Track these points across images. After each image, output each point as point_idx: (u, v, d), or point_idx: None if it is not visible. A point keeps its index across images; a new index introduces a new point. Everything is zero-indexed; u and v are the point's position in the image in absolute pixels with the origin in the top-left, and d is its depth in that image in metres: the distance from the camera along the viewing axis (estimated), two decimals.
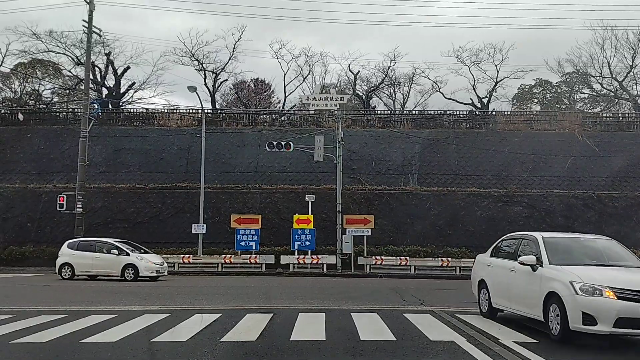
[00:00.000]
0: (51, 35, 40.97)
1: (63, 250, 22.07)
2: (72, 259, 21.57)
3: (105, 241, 22.15)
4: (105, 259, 21.14)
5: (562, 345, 7.84)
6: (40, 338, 7.94)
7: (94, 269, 21.30)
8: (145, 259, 21.13)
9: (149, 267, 20.91)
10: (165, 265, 22.14)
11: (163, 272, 21.71)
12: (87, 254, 21.46)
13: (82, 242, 22.51)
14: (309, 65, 45.44)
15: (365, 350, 7.35)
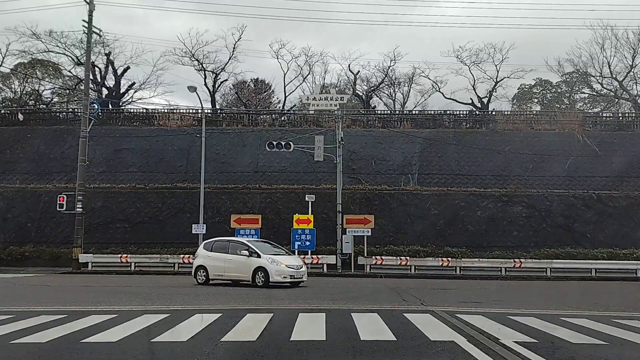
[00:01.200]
0: (51, 36, 41.03)
1: (199, 251, 20.05)
2: (206, 262, 19.22)
3: (238, 240, 19.81)
4: (236, 261, 18.56)
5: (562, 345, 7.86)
6: (41, 338, 7.93)
7: (226, 272, 18.82)
8: (277, 262, 18.09)
9: (281, 272, 17.87)
10: (304, 269, 18.78)
11: (300, 277, 18.54)
12: (220, 256, 18.99)
13: (218, 243, 19.84)
14: (309, 65, 45.51)
15: (365, 350, 7.35)
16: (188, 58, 42.97)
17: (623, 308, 13.11)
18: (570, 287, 21.78)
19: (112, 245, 29.79)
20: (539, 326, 9.46)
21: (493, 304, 13.65)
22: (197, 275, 19.29)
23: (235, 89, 47.27)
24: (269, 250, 18.87)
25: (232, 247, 18.98)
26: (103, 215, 31.71)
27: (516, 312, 11.52)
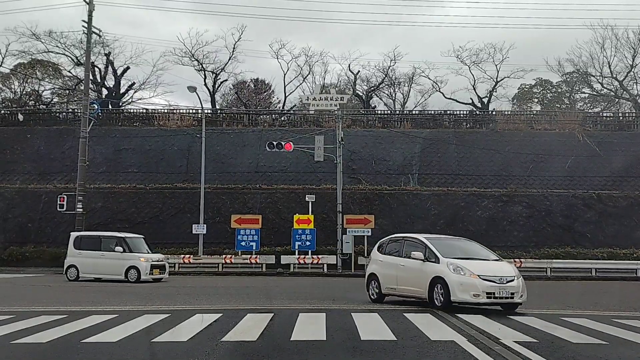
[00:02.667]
0: (51, 36, 41.03)
1: (372, 254, 14.54)
2: (378, 269, 13.55)
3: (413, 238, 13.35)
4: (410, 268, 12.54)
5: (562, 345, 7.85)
6: (41, 338, 7.93)
7: (399, 284, 12.90)
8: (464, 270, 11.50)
9: (469, 286, 11.13)
10: (516, 283, 11.61)
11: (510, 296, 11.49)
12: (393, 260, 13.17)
13: (392, 242, 13.89)
14: (309, 65, 45.51)
15: (365, 349, 7.35)
16: (188, 58, 43.03)
17: (623, 308, 13.10)
18: (570, 287, 21.78)
19: None
20: (539, 326, 9.45)
21: None
22: (370, 288, 13.74)
23: (235, 89, 47.28)
24: (458, 251, 12.49)
25: (407, 246, 13.07)
26: (103, 215, 31.71)
27: (516, 311, 11.52)
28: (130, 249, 20.56)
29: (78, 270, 20.68)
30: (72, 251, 21.24)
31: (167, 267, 21.61)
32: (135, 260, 20.13)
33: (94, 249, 20.84)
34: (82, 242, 21.23)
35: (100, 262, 20.48)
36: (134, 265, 20.03)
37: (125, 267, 20.12)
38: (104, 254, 20.50)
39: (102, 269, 20.36)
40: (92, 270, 20.59)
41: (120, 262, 20.18)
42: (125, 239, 21.00)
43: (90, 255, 20.68)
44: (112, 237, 21.34)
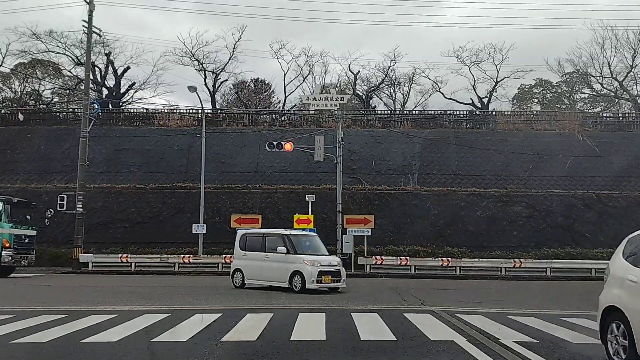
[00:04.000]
0: (51, 36, 41.02)
1: None
2: None
3: None
4: None
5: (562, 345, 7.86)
6: (41, 338, 7.94)
7: None
8: None
9: None
10: None
11: None
12: None
13: None
14: (309, 65, 45.48)
15: (365, 349, 7.36)
16: (188, 58, 43.01)
17: None
18: (570, 287, 21.78)
19: (113, 245, 29.77)
20: (539, 326, 9.46)
21: (493, 304, 13.66)
22: None
23: (235, 89, 47.27)
24: None
25: None
26: (103, 215, 31.71)
27: (516, 312, 11.53)
28: (295, 248, 16.88)
29: (243, 276, 17.75)
30: (237, 252, 18.39)
31: (344, 274, 17.22)
32: (299, 264, 16.42)
33: (258, 249, 17.68)
34: (248, 242, 18.16)
35: (264, 265, 17.21)
36: (298, 270, 16.33)
37: (289, 272, 16.50)
38: (268, 255, 17.21)
39: (267, 274, 17.11)
40: (256, 275, 17.45)
41: (283, 265, 16.68)
42: (290, 236, 17.38)
43: (254, 257, 17.54)
44: (275, 234, 17.84)
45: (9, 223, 22.61)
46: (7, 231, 22.43)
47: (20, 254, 23.18)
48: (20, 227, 23.37)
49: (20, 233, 23.27)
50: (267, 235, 17.83)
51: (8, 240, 22.35)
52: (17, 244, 22.94)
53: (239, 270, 17.84)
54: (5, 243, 22.20)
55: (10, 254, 22.39)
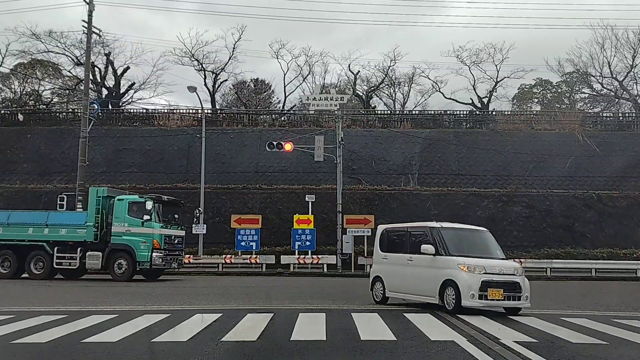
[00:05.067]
0: (51, 36, 41.02)
1: None
2: None
3: None
4: None
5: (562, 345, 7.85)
6: (41, 338, 7.93)
7: None
8: None
9: None
10: None
11: None
12: None
13: None
14: (309, 66, 45.50)
15: (365, 350, 7.35)
16: (188, 58, 43.01)
17: (623, 308, 13.11)
18: (570, 287, 21.77)
19: None
20: (539, 326, 9.46)
21: None
22: None
23: (235, 89, 47.27)
24: None
25: None
26: None
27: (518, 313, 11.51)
28: (447, 248, 11.71)
29: (384, 286, 13.08)
30: (377, 254, 13.87)
31: (527, 287, 11.76)
32: (452, 270, 11.28)
33: (401, 249, 13.04)
34: (389, 240, 13.64)
35: (407, 272, 12.44)
36: (450, 279, 11.22)
37: (438, 283, 11.47)
38: (412, 258, 12.36)
39: (410, 284, 12.32)
40: (398, 286, 12.74)
41: (431, 272, 11.69)
42: (440, 230, 12.14)
43: (396, 260, 12.95)
44: (421, 229, 12.84)
45: (159, 223, 20.91)
46: (158, 231, 20.73)
47: (170, 256, 21.37)
48: (169, 227, 21.56)
49: (170, 233, 21.43)
50: (411, 231, 13.13)
51: (158, 241, 20.64)
52: (167, 245, 21.13)
53: (378, 279, 13.37)
54: (155, 244, 20.54)
55: (160, 256, 20.65)
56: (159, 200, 21.45)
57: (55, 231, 21.16)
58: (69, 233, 21.04)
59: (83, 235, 20.87)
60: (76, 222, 21.23)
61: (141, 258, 20.30)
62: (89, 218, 21.02)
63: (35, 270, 21.24)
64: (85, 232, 20.86)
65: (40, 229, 21.30)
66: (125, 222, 20.59)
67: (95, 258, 20.61)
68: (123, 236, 20.54)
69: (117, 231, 20.65)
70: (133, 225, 20.49)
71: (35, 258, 21.24)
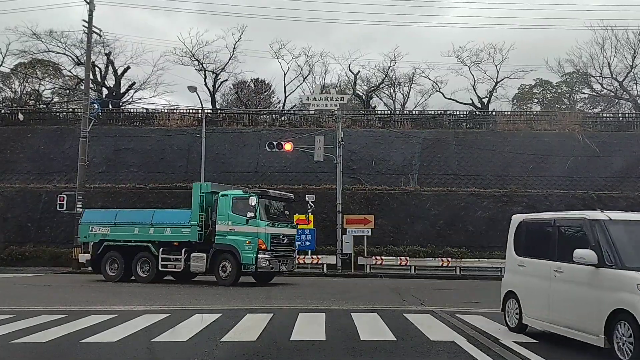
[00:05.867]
0: (51, 35, 41.00)
1: None
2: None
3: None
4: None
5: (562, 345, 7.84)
6: (41, 338, 7.94)
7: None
8: None
9: None
10: None
11: None
12: None
13: None
14: (309, 65, 45.45)
15: (365, 350, 7.36)
16: (188, 58, 42.96)
17: None
18: None
19: None
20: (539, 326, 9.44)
21: (493, 304, 13.62)
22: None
23: (235, 89, 47.25)
24: None
25: None
26: None
27: None
28: (619, 255, 7.20)
29: (520, 308, 9.09)
30: (511, 260, 10.06)
31: None
32: (629, 294, 6.78)
33: (545, 254, 8.64)
34: (528, 238, 9.61)
35: (553, 291, 8.19)
36: (624, 310, 6.79)
37: (604, 313, 7.07)
38: (561, 268, 8.04)
39: (557, 310, 8.08)
40: (539, 310, 8.49)
41: (590, 295, 7.39)
42: (607, 226, 7.60)
43: (537, 270, 8.71)
44: (575, 220, 8.45)
45: (265, 220, 18.50)
46: (263, 230, 18.25)
47: (279, 258, 18.79)
48: (278, 225, 19.11)
49: (278, 232, 18.89)
50: (560, 224, 8.63)
51: (264, 241, 18.18)
52: (275, 246, 18.62)
53: (512, 296, 9.45)
54: (260, 244, 18.14)
55: (267, 258, 18.15)
56: (264, 195, 19.20)
57: (160, 231, 19.55)
58: (174, 233, 19.34)
59: (187, 235, 19.03)
60: (180, 221, 19.37)
61: (246, 260, 18.07)
62: (193, 216, 19.07)
63: (142, 272, 19.76)
64: (189, 232, 19.00)
65: (146, 229, 19.77)
66: (229, 220, 18.51)
67: (199, 260, 18.70)
68: (227, 236, 18.49)
69: (221, 230, 18.63)
70: (237, 224, 18.39)
71: (141, 260, 19.77)
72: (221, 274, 18.57)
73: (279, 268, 18.89)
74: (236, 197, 18.78)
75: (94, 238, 20.82)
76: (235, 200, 18.70)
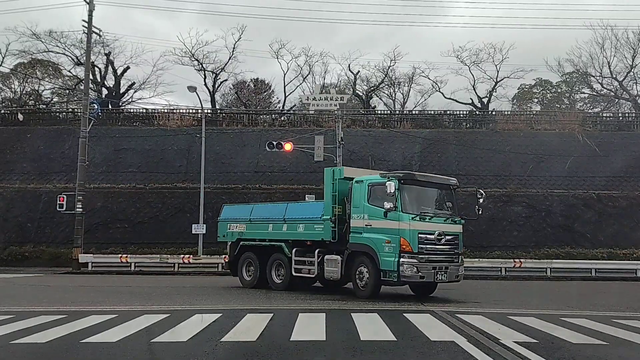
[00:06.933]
0: (51, 35, 41.04)
1: None
2: None
3: None
4: None
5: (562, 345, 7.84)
6: (41, 338, 7.93)
7: None
8: None
9: None
10: None
11: None
12: None
13: None
14: (309, 65, 45.50)
15: (365, 350, 7.35)
16: (188, 58, 43.00)
17: (623, 308, 13.10)
18: (570, 287, 21.78)
19: (112, 246, 29.78)
20: (539, 326, 9.46)
21: (493, 304, 13.64)
22: None
23: (235, 89, 47.27)
24: None
25: None
26: (103, 215, 31.69)
27: (516, 312, 11.52)
28: None
29: None
30: None
31: None
32: None
33: None
34: None
35: None
36: None
37: None
38: None
39: None
40: None
41: None
42: None
43: None
44: None
45: (409, 213, 13.76)
46: (407, 225, 13.60)
47: (434, 263, 13.93)
48: (430, 219, 14.12)
49: (430, 229, 13.94)
50: None
51: (408, 241, 13.55)
52: (425, 247, 13.77)
53: None
54: (403, 245, 13.53)
55: (413, 263, 13.44)
56: (408, 179, 14.29)
57: (293, 228, 16.30)
58: (306, 230, 15.91)
59: (320, 233, 15.34)
60: (313, 216, 15.89)
61: (385, 265, 13.61)
62: (326, 210, 15.38)
63: (277, 278, 16.73)
64: (322, 229, 15.26)
65: (279, 226, 16.73)
66: (364, 214, 14.36)
67: (333, 264, 14.98)
68: (363, 233, 14.34)
69: (356, 226, 14.55)
70: (374, 218, 14.12)
71: (276, 263, 16.74)
72: (358, 283, 14.54)
73: (434, 277, 14.00)
74: (373, 183, 14.40)
75: (231, 237, 18.42)
76: (371, 187, 14.39)
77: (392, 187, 13.52)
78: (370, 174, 15.65)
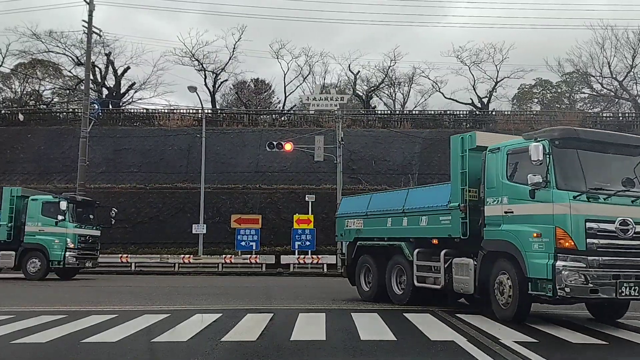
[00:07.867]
0: (51, 36, 41.11)
1: None
2: None
3: None
4: None
5: (562, 345, 7.83)
6: (41, 338, 7.93)
7: None
8: None
9: None
10: None
11: None
12: None
13: None
14: (309, 65, 45.58)
15: (365, 350, 7.35)
16: (188, 58, 43.11)
17: None
18: None
19: (112, 245, 29.76)
20: (539, 326, 9.45)
21: None
22: None
23: (235, 89, 47.31)
24: None
25: None
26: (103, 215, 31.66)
27: None
28: None
29: None
30: None
31: None
32: None
33: None
34: None
35: None
36: None
37: None
38: None
39: None
40: None
41: None
42: None
43: None
44: None
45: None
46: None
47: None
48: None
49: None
50: None
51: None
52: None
53: None
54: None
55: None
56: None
57: (414, 221, 12.07)
58: (430, 224, 11.64)
59: (446, 227, 11.07)
60: (438, 204, 11.43)
61: (534, 272, 8.94)
62: (453, 195, 11.02)
63: (398, 287, 12.57)
64: (449, 222, 11.00)
65: (399, 220, 12.53)
66: (503, 196, 9.81)
67: (463, 270, 10.66)
68: (502, 224, 9.82)
69: (491, 215, 10.06)
70: (516, 201, 9.52)
71: (396, 268, 12.56)
72: (498, 298, 9.96)
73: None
74: (513, 150, 9.82)
75: (348, 236, 14.50)
76: (511, 155, 9.83)
77: (539, 151, 8.82)
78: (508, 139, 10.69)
